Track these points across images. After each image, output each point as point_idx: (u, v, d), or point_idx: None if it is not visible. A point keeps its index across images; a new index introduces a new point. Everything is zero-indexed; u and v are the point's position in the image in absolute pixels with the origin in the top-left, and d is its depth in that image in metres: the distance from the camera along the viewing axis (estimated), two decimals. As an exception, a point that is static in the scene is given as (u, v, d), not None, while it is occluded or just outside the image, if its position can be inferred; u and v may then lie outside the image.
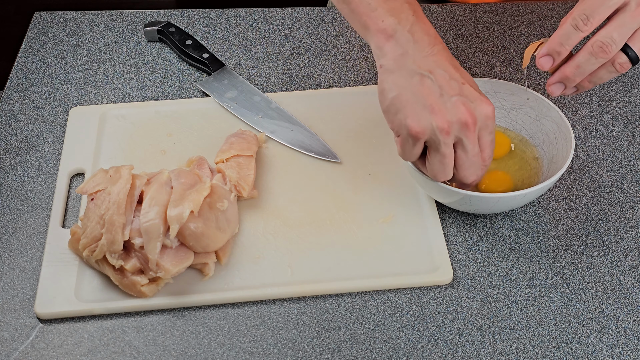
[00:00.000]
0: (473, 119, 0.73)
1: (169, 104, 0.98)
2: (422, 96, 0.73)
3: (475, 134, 0.74)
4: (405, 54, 0.74)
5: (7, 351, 0.75)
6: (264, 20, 1.11)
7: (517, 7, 1.13)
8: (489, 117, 0.74)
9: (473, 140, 0.74)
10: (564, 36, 0.74)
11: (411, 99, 0.73)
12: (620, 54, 0.74)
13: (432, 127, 0.73)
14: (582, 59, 0.75)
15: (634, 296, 0.80)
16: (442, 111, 0.72)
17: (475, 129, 0.73)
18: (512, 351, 0.76)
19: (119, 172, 0.80)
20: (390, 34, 0.75)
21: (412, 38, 0.75)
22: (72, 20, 1.11)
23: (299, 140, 0.94)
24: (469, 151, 0.75)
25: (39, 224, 0.86)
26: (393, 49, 0.75)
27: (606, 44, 0.73)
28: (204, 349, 0.76)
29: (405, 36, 0.75)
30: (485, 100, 0.74)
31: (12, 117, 0.98)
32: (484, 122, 0.74)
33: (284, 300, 0.79)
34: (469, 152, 0.75)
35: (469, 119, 0.73)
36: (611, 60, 0.75)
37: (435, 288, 0.80)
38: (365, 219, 0.85)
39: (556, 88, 0.78)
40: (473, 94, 0.74)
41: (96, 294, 0.79)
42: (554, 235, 0.85)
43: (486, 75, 1.03)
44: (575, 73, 0.76)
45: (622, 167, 0.92)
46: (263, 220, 0.86)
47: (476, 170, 0.77)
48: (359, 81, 1.02)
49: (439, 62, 0.74)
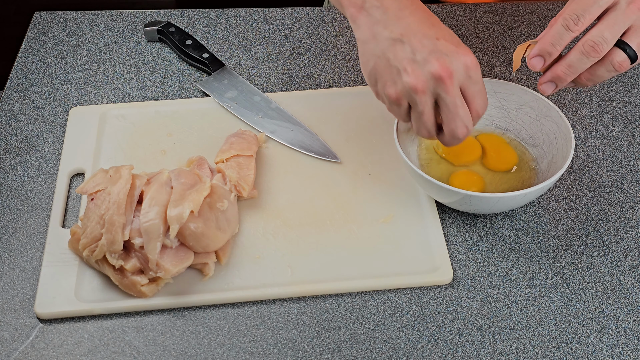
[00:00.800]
0: (447, 72, 0.72)
1: (169, 104, 0.98)
2: (397, 60, 0.74)
3: (453, 86, 0.73)
4: (377, 22, 0.75)
5: (7, 351, 0.75)
6: (264, 20, 1.11)
7: (517, 7, 1.13)
8: (469, 67, 0.73)
9: (452, 94, 0.73)
10: (555, 36, 0.74)
11: (387, 66, 0.74)
12: (618, 52, 0.74)
13: (406, 88, 0.73)
14: (574, 59, 0.74)
15: (634, 296, 0.80)
16: (415, 71, 0.73)
17: (452, 82, 0.72)
18: (512, 351, 0.76)
19: (119, 172, 0.80)
20: (360, 6, 0.76)
21: (380, 5, 0.75)
22: (72, 20, 1.11)
23: (299, 140, 0.94)
24: (449, 105, 0.74)
25: (39, 224, 0.86)
26: (365, 20, 0.76)
27: (597, 43, 0.72)
28: (204, 349, 0.76)
29: (374, 5, 0.76)
30: (463, 51, 0.73)
31: (12, 117, 0.98)
32: (465, 74, 0.73)
33: (284, 300, 0.79)
34: (449, 106, 0.74)
35: (443, 73, 0.72)
36: (609, 58, 0.74)
37: (435, 288, 0.80)
38: (365, 219, 0.85)
39: (547, 87, 0.78)
40: (448, 47, 0.73)
41: (96, 294, 0.79)
42: (554, 235, 0.85)
43: (486, 75, 1.03)
44: (567, 72, 0.76)
45: (622, 167, 0.92)
46: (263, 220, 0.86)
47: (462, 123, 0.75)
48: (359, 81, 1.02)
49: (410, 24, 0.74)
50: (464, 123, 0.75)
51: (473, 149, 0.89)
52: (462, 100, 0.74)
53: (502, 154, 0.89)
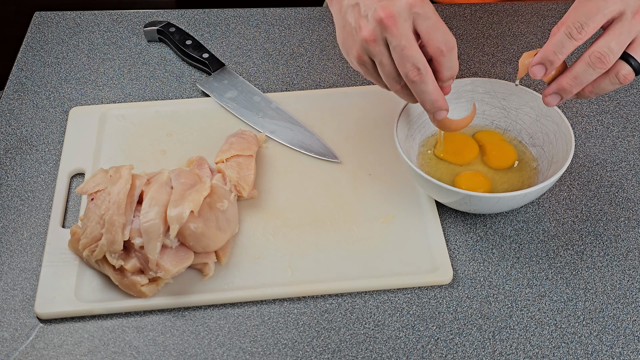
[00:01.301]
0: (388, 13, 0.72)
1: (169, 104, 0.98)
2: (354, 22, 0.75)
3: (397, 27, 0.72)
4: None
5: (7, 351, 0.75)
6: (264, 20, 1.11)
7: (517, 7, 1.13)
8: (412, 5, 0.72)
9: (396, 35, 0.72)
10: (558, 45, 0.72)
11: (349, 32, 0.77)
12: (623, 65, 0.72)
13: (362, 44, 0.74)
14: (580, 70, 0.73)
15: (634, 296, 0.80)
16: (364, 25, 0.74)
17: (395, 22, 0.72)
18: (512, 351, 0.76)
19: (119, 172, 0.80)
20: None
21: None
22: (72, 20, 1.11)
23: (299, 140, 0.94)
24: (395, 48, 0.73)
25: (39, 224, 0.86)
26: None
27: (604, 54, 0.71)
28: (204, 349, 0.76)
29: None
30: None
31: (12, 117, 0.98)
32: (408, 11, 0.72)
33: (284, 300, 0.79)
34: (395, 49, 0.73)
35: (383, 15, 0.72)
36: (614, 71, 0.73)
37: (435, 288, 0.80)
38: (365, 219, 0.85)
39: (552, 99, 0.77)
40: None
41: (96, 294, 0.79)
42: (554, 235, 0.85)
43: (486, 75, 1.03)
44: (572, 84, 0.74)
45: (622, 167, 0.92)
46: (263, 220, 0.86)
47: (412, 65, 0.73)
48: (359, 81, 1.02)
49: None
50: (413, 64, 0.73)
51: (470, 149, 0.89)
52: (410, 41, 0.73)
53: (501, 151, 0.89)
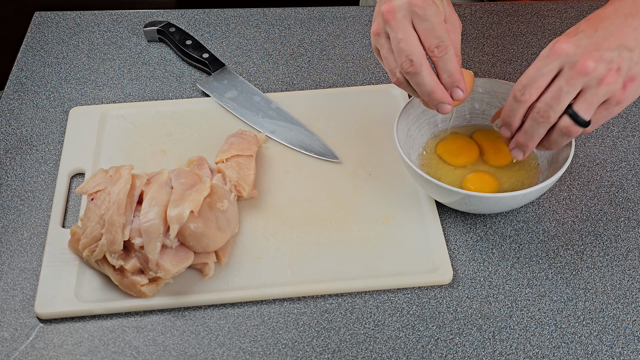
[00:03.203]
0: (388, 7, 0.76)
1: (169, 104, 0.98)
2: None
3: (395, 21, 0.76)
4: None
5: (7, 351, 0.75)
6: (264, 20, 1.11)
7: (517, 7, 1.13)
8: (412, 3, 0.75)
9: (394, 28, 0.76)
10: (509, 109, 0.77)
11: None
12: (564, 118, 0.74)
13: (372, 37, 0.80)
14: (528, 126, 0.76)
15: (634, 296, 0.80)
16: (374, 19, 0.79)
17: (394, 17, 0.76)
18: (512, 351, 0.76)
19: (119, 172, 0.80)
20: None
21: None
22: (72, 20, 1.11)
23: (299, 140, 0.94)
24: (392, 40, 0.77)
25: (39, 224, 0.86)
26: None
27: (543, 110, 0.74)
28: (204, 349, 0.76)
29: None
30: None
31: (12, 117, 0.98)
32: (408, 8, 0.76)
33: (284, 300, 0.79)
34: (392, 41, 0.77)
35: (385, 10, 0.76)
36: (559, 125, 0.75)
37: (435, 288, 0.80)
38: (365, 219, 0.85)
39: (516, 153, 0.80)
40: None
41: (96, 294, 0.79)
42: (554, 235, 0.85)
43: (486, 75, 1.03)
44: (526, 139, 0.77)
45: (622, 167, 0.92)
46: (263, 220, 0.86)
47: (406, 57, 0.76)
48: (359, 81, 1.02)
49: None
50: (407, 56, 0.76)
51: (470, 150, 0.89)
52: (407, 35, 0.76)
53: (499, 148, 0.89)
